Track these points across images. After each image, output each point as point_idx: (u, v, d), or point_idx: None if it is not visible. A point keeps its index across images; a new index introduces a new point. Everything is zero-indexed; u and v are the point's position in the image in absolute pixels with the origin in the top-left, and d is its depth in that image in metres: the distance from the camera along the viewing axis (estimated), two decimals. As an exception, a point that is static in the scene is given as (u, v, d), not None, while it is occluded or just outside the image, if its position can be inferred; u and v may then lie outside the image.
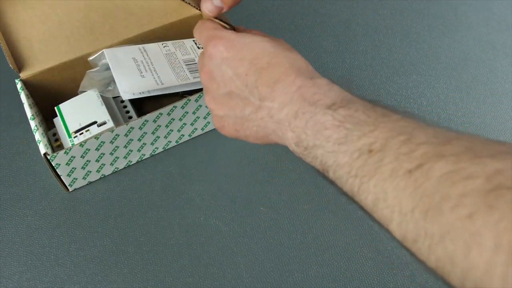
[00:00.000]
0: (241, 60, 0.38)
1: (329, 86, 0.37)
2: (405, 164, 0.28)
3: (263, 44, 0.39)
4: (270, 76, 0.37)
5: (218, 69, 0.40)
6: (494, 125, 0.64)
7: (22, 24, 0.62)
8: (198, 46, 0.62)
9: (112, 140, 0.55)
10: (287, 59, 0.38)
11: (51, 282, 0.52)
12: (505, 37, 0.73)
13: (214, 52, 0.40)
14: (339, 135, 0.33)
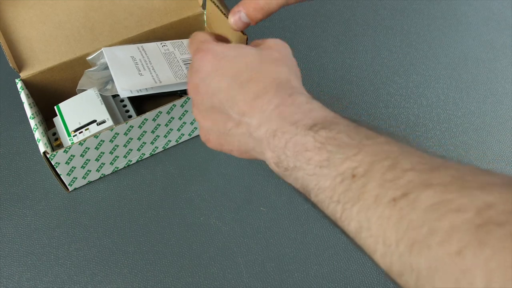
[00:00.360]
0: (224, 74, 0.38)
1: (310, 105, 0.36)
2: (390, 192, 0.27)
3: (249, 58, 0.38)
4: (250, 92, 0.37)
5: (203, 82, 0.39)
6: (494, 125, 0.64)
7: (22, 24, 0.62)
8: None
9: (112, 138, 0.55)
10: (270, 73, 0.38)
11: (51, 282, 0.52)
12: (505, 37, 0.73)
13: (200, 65, 0.39)
14: (320, 158, 0.31)
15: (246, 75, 0.37)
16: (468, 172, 0.26)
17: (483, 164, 0.60)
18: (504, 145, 0.62)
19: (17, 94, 0.59)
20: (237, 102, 0.37)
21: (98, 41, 0.62)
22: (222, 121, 0.39)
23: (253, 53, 0.39)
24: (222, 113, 0.38)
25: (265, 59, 0.39)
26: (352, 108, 0.66)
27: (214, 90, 0.38)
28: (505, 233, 0.22)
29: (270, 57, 0.39)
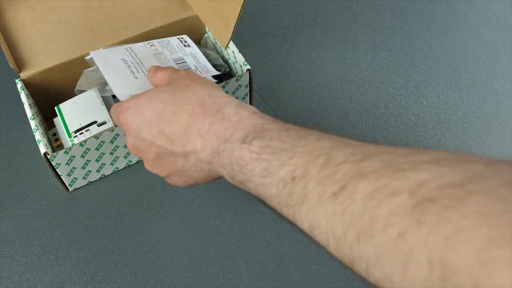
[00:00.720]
0: (149, 123, 0.39)
1: (238, 115, 0.36)
2: (329, 188, 0.28)
3: (160, 97, 0.40)
4: (180, 124, 0.38)
5: (137, 140, 0.41)
6: (494, 125, 0.64)
7: (22, 24, 0.62)
8: (184, 44, 0.60)
9: (112, 139, 0.55)
10: (188, 99, 0.38)
11: (51, 282, 0.52)
12: (505, 37, 0.73)
13: (125, 127, 0.41)
14: (260, 168, 0.32)
15: (167, 113, 0.38)
16: (400, 155, 0.27)
17: (483, 164, 0.60)
18: (504, 145, 0.62)
19: (17, 94, 0.59)
20: (173, 138, 0.38)
21: (98, 41, 0.62)
22: (172, 162, 0.40)
23: (163, 89, 0.40)
24: (167, 155, 0.39)
25: (176, 89, 0.40)
26: (352, 108, 0.66)
27: (149, 140, 0.40)
28: (439, 208, 0.22)
29: (180, 85, 0.40)
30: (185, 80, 0.41)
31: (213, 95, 0.39)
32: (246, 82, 0.60)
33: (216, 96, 0.39)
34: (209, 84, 0.41)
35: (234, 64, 0.63)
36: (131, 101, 0.41)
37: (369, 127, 0.64)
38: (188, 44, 0.59)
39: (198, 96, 0.38)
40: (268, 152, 0.32)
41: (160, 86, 0.42)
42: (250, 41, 0.73)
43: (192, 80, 0.41)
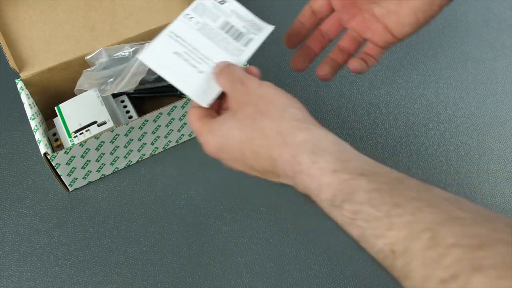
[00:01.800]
0: (236, 160, 0.39)
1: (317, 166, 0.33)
2: (437, 273, 0.26)
3: (233, 137, 0.38)
4: (265, 163, 0.37)
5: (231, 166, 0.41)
6: (494, 125, 0.64)
7: (22, 24, 0.62)
8: (220, 2, 0.52)
9: (112, 140, 0.55)
10: (260, 140, 0.36)
11: (51, 282, 0.52)
12: (505, 37, 0.73)
13: (206, 148, 0.41)
14: (356, 233, 0.30)
15: (248, 152, 0.37)
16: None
17: (483, 164, 0.60)
18: (504, 145, 0.62)
19: (17, 95, 0.59)
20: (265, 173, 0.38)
21: (98, 41, 0.62)
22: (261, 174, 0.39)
23: (232, 125, 0.38)
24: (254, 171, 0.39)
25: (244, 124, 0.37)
26: (352, 108, 0.66)
27: (242, 170, 0.39)
28: None
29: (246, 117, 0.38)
30: (248, 109, 0.38)
31: (281, 130, 0.36)
32: (246, 82, 0.60)
33: (285, 133, 0.35)
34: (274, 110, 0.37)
35: (234, 64, 0.63)
36: (209, 137, 0.39)
37: (369, 127, 0.64)
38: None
39: (268, 134, 0.36)
40: (361, 219, 0.30)
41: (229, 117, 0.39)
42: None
43: (255, 106, 0.38)
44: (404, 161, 0.61)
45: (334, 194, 0.31)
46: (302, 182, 0.34)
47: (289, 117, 0.37)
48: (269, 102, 0.38)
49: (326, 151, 0.34)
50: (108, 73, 0.59)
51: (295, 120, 0.36)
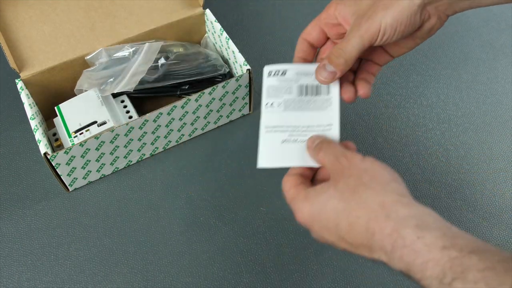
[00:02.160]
0: (328, 229, 0.38)
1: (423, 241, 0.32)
2: None
3: (332, 205, 0.37)
4: (360, 237, 0.36)
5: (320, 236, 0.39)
6: (494, 125, 0.64)
7: (22, 24, 0.62)
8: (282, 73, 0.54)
9: (112, 139, 0.55)
10: (360, 210, 0.36)
11: (51, 282, 0.52)
12: (505, 37, 0.73)
13: (313, 231, 0.40)
14: None
15: (344, 223, 0.36)
16: None
17: (483, 164, 0.60)
18: (504, 145, 0.62)
19: (17, 94, 0.59)
20: (357, 246, 0.36)
21: (98, 41, 0.62)
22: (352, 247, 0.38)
23: (332, 194, 0.38)
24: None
25: (345, 194, 0.37)
26: (352, 108, 0.66)
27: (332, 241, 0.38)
28: None
29: (348, 188, 0.37)
30: (350, 180, 0.37)
31: (385, 204, 0.35)
32: (246, 82, 0.60)
33: (388, 207, 0.35)
34: (378, 183, 0.37)
35: (234, 64, 0.63)
36: (304, 204, 0.39)
37: (369, 127, 0.64)
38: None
39: (369, 206, 0.35)
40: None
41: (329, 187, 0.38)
42: (250, 41, 0.73)
43: (358, 179, 0.37)
44: (404, 161, 0.61)
45: (443, 271, 0.30)
46: (404, 257, 0.33)
47: (392, 191, 0.36)
48: (372, 176, 0.38)
49: (432, 226, 0.33)
50: (108, 73, 0.59)
51: (398, 195, 0.36)
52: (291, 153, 0.48)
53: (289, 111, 0.50)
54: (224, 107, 0.61)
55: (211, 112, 0.61)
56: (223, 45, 0.64)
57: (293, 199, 0.40)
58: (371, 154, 0.61)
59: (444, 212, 0.56)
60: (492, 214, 0.56)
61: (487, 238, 0.54)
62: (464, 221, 0.55)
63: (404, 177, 0.60)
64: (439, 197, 0.57)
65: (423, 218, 0.34)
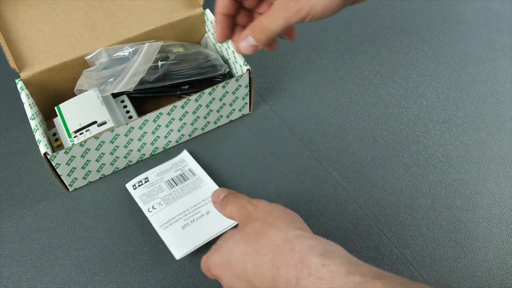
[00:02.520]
0: (237, 277, 0.38)
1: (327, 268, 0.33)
2: None
3: (239, 249, 0.38)
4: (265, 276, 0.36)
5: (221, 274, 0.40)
6: (494, 125, 0.64)
7: (22, 24, 0.62)
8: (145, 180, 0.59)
9: (112, 140, 0.55)
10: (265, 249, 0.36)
11: (51, 282, 0.52)
12: (505, 37, 0.73)
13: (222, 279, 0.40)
14: None
15: (250, 265, 0.37)
16: None
17: (483, 164, 0.60)
18: (504, 145, 0.62)
19: (17, 94, 0.59)
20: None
21: (98, 41, 0.62)
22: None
23: (239, 239, 0.39)
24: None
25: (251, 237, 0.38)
26: (352, 108, 0.66)
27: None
28: None
29: (253, 230, 0.38)
30: (256, 223, 0.39)
31: (289, 238, 0.36)
32: (246, 82, 0.60)
33: (293, 241, 0.36)
34: (282, 222, 0.38)
35: (234, 64, 0.63)
36: (215, 256, 0.40)
37: (369, 127, 0.64)
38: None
39: (274, 243, 0.36)
40: None
41: (236, 232, 0.40)
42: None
43: (263, 221, 0.39)
44: (404, 161, 0.61)
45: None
46: (309, 286, 0.33)
47: (297, 228, 0.37)
48: (277, 216, 0.39)
49: (336, 254, 0.34)
50: (108, 73, 0.59)
51: (303, 230, 0.37)
52: (197, 231, 0.53)
53: (171, 204, 0.56)
54: (224, 107, 0.61)
55: (211, 112, 0.61)
56: (223, 45, 0.64)
57: (207, 260, 0.42)
58: (372, 154, 0.61)
59: (444, 212, 0.56)
60: (492, 214, 0.56)
61: (487, 238, 0.54)
62: (464, 221, 0.55)
63: (404, 177, 0.60)
64: (439, 197, 0.57)
65: (327, 248, 0.34)
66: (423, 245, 0.54)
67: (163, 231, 0.54)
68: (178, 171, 0.59)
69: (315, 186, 0.59)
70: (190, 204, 0.56)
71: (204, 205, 0.56)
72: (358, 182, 0.59)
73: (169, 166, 0.59)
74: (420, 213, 0.56)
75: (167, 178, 0.58)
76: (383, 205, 0.57)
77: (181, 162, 0.60)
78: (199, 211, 0.55)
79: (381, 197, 0.58)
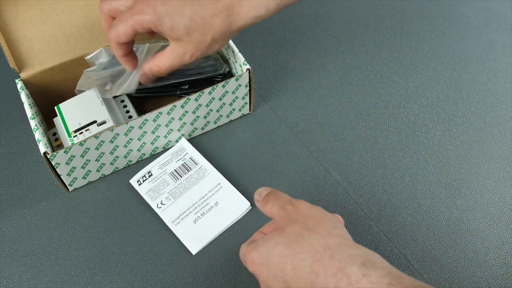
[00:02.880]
0: (274, 277, 0.38)
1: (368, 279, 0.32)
2: None
3: (278, 251, 0.38)
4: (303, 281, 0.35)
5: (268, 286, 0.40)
6: (494, 125, 0.64)
7: (22, 24, 0.62)
8: (145, 177, 0.59)
9: (112, 139, 0.55)
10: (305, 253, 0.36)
11: (51, 282, 0.52)
12: (505, 37, 0.73)
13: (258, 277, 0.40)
14: None
15: (289, 268, 0.36)
16: None
17: (483, 164, 0.60)
18: (504, 145, 0.62)
19: (17, 94, 0.59)
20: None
21: (98, 41, 0.62)
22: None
23: (278, 240, 0.38)
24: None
25: (291, 239, 0.38)
26: (352, 108, 0.66)
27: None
28: None
29: (293, 233, 0.38)
30: (296, 226, 0.38)
31: (330, 246, 0.36)
32: (246, 82, 0.60)
33: (333, 248, 0.35)
34: (323, 228, 0.38)
35: (234, 64, 0.63)
36: (253, 253, 0.40)
37: (369, 127, 0.64)
38: None
39: (314, 249, 0.36)
40: None
41: (276, 234, 0.39)
42: (250, 41, 0.73)
43: (303, 224, 0.38)
44: (404, 161, 0.61)
45: None
46: None
47: (337, 235, 0.37)
48: (318, 221, 0.38)
49: (378, 265, 0.33)
50: (108, 73, 0.59)
51: (343, 238, 0.37)
52: (209, 224, 0.55)
53: (178, 197, 0.56)
54: (224, 106, 0.61)
55: (211, 112, 0.61)
56: (223, 45, 0.64)
57: (245, 255, 0.41)
58: (372, 154, 0.61)
59: (444, 212, 0.56)
60: (492, 214, 0.56)
61: (487, 238, 0.54)
62: (464, 221, 0.55)
63: (404, 177, 0.60)
64: (439, 197, 0.57)
65: (368, 257, 0.34)
66: (423, 245, 0.54)
67: (175, 227, 0.55)
68: (180, 161, 0.59)
69: (315, 186, 0.59)
70: (197, 196, 0.57)
71: (212, 195, 0.56)
72: (358, 182, 0.59)
73: (170, 156, 0.60)
74: (420, 213, 0.56)
75: (170, 170, 0.59)
76: (383, 205, 0.57)
77: (181, 150, 0.60)
78: (207, 202, 0.56)
79: (381, 197, 0.58)
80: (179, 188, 0.57)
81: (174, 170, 0.58)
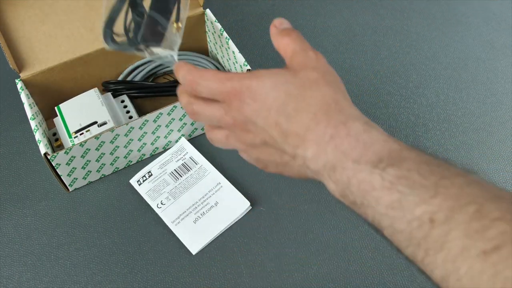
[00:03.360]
0: (268, 110, 0.35)
1: (368, 135, 0.32)
2: (478, 244, 0.25)
3: (286, 88, 0.35)
4: (300, 124, 0.34)
5: (250, 121, 0.36)
6: (494, 125, 0.64)
7: (22, 23, 0.62)
8: (145, 177, 0.59)
9: (112, 140, 0.55)
10: (314, 100, 0.34)
11: (51, 282, 0.52)
12: (505, 37, 0.73)
13: (241, 105, 0.36)
14: (391, 199, 0.29)
15: (291, 107, 0.35)
16: None
17: (483, 164, 0.60)
18: (504, 145, 0.62)
19: (17, 95, 0.59)
20: (288, 135, 0.35)
21: (98, 41, 0.62)
22: (278, 154, 0.37)
23: (290, 80, 0.36)
24: (275, 148, 0.36)
25: (304, 83, 0.35)
26: (352, 108, 0.66)
27: (262, 126, 0.36)
28: None
29: (308, 79, 0.36)
30: (313, 73, 0.36)
31: (340, 102, 0.35)
32: (246, 82, 0.60)
33: (343, 105, 0.35)
34: (337, 86, 0.36)
35: (234, 65, 0.63)
36: (251, 81, 0.36)
37: (369, 127, 0.64)
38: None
39: (325, 100, 0.34)
40: (405, 185, 0.29)
41: (286, 72, 0.37)
42: (250, 41, 0.73)
43: (322, 74, 0.36)
44: (404, 161, 0.61)
45: (380, 158, 0.31)
46: (341, 146, 0.32)
47: (349, 99, 0.36)
48: (336, 81, 0.37)
49: (378, 129, 0.33)
50: None
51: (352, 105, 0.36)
52: (208, 224, 0.55)
53: (178, 197, 0.56)
54: (224, 107, 0.61)
55: (211, 112, 0.60)
56: (223, 45, 0.64)
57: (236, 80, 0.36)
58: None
59: (444, 212, 0.56)
60: (492, 214, 0.56)
61: (487, 238, 0.54)
62: (464, 221, 0.55)
63: (404, 177, 0.60)
64: (439, 197, 0.57)
65: (372, 124, 0.34)
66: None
67: (175, 227, 0.55)
68: (179, 160, 0.59)
69: (315, 186, 0.58)
70: (197, 196, 0.57)
71: (212, 195, 0.57)
72: (358, 182, 0.59)
73: (170, 156, 0.60)
74: (420, 213, 0.56)
75: (170, 170, 0.59)
76: (383, 205, 0.57)
77: (181, 150, 0.60)
78: (207, 202, 0.56)
79: (381, 197, 0.57)
80: (179, 188, 0.57)
81: (174, 170, 0.58)
